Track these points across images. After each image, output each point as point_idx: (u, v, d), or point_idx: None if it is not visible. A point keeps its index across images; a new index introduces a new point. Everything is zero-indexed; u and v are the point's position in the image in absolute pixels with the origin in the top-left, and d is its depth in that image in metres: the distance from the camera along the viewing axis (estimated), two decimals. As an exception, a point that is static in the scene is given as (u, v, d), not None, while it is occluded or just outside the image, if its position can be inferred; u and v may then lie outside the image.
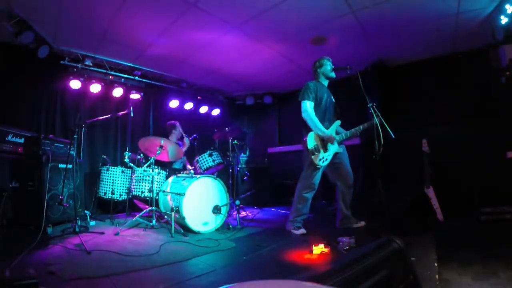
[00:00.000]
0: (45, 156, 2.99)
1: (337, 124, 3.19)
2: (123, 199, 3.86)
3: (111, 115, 3.64)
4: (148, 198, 3.70)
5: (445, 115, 4.31)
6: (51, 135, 3.39)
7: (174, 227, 2.97)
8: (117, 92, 4.82)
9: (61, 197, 2.98)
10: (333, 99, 3.30)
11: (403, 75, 4.88)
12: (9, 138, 3.09)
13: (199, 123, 6.10)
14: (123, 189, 3.86)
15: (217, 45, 4.21)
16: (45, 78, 4.20)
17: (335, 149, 3.09)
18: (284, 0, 3.16)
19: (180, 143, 4.55)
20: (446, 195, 3.56)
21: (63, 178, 3.13)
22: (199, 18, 3.49)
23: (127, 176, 3.92)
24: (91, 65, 4.52)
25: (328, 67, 3.24)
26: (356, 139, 4.79)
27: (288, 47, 4.32)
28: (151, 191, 3.46)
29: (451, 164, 3.90)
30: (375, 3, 3.20)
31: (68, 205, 3.13)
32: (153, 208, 3.27)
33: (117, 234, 2.99)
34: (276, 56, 4.63)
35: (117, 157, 4.86)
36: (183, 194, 3.09)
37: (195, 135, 4.70)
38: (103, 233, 3.02)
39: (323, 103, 3.15)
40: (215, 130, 4.54)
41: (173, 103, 5.61)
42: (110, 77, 4.83)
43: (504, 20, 3.23)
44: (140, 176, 3.70)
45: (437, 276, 1.75)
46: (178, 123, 4.64)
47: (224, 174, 4.82)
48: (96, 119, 3.48)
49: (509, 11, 3.15)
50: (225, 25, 3.67)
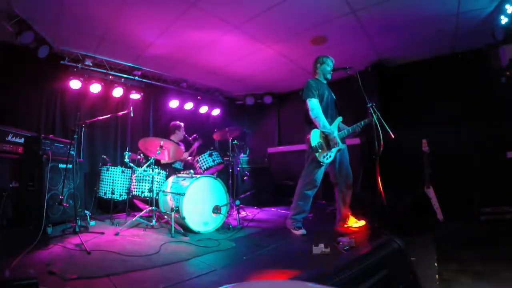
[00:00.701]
0: (45, 156, 2.99)
1: (339, 120, 3.18)
2: (123, 199, 3.86)
3: (111, 115, 3.64)
4: (148, 198, 3.70)
5: (445, 115, 4.31)
6: (51, 135, 3.39)
7: (174, 227, 2.97)
8: (117, 92, 4.82)
9: (61, 197, 2.98)
10: (333, 95, 3.29)
11: (403, 75, 4.87)
12: (9, 138, 3.08)
13: (199, 123, 6.10)
14: (123, 189, 3.86)
15: (217, 45, 4.21)
16: (45, 78, 4.20)
17: (338, 146, 3.09)
18: (284, 0, 3.17)
19: (181, 144, 4.55)
20: (446, 195, 3.56)
21: (63, 178, 3.12)
22: (199, 18, 3.49)
23: (127, 176, 3.92)
24: (91, 65, 4.52)
25: (328, 67, 3.24)
26: (356, 139, 4.80)
27: (288, 47, 4.32)
28: (151, 191, 3.46)
29: (451, 164, 3.90)
30: (375, 3, 3.21)
31: (68, 205, 3.13)
32: (153, 208, 3.27)
33: (117, 234, 2.98)
34: (276, 56, 4.63)
35: (117, 157, 4.86)
36: (183, 194, 3.09)
37: (195, 135, 4.71)
38: (103, 233, 3.01)
39: (325, 100, 3.15)
40: (215, 130, 4.54)
41: (173, 103, 5.61)
42: (110, 77, 4.83)
43: (504, 20, 3.23)
44: (140, 176, 3.69)
45: (437, 276, 1.75)
46: (183, 126, 4.63)
47: (224, 174, 4.82)
48: (96, 119, 3.47)
49: (509, 11, 3.15)
50: (225, 25, 3.67)
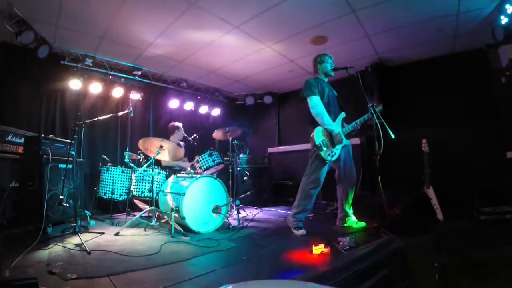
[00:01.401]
0: (45, 156, 2.99)
1: (342, 116, 3.15)
2: (123, 199, 3.85)
3: (111, 115, 3.64)
4: (148, 198, 3.70)
5: (445, 115, 4.31)
6: (51, 135, 3.39)
7: (174, 227, 2.97)
8: (117, 92, 4.82)
9: (61, 197, 2.98)
10: (335, 92, 3.27)
11: (403, 75, 4.87)
12: (9, 138, 3.09)
13: (199, 123, 6.11)
14: (123, 189, 3.85)
15: (217, 45, 4.21)
16: (45, 78, 4.20)
17: (343, 142, 3.08)
18: (284, 0, 3.17)
19: (181, 144, 4.55)
20: (446, 195, 3.55)
21: (63, 178, 3.12)
22: (199, 18, 3.49)
23: (127, 176, 3.92)
24: (91, 65, 4.51)
25: (329, 65, 3.23)
26: (356, 139, 4.80)
27: (288, 47, 4.32)
28: (151, 191, 3.46)
29: (451, 164, 3.90)
30: (375, 3, 3.21)
31: (68, 205, 3.13)
32: (153, 208, 3.27)
33: (117, 234, 2.99)
34: (276, 56, 4.63)
35: (117, 157, 4.86)
36: (183, 194, 3.08)
37: (195, 135, 4.71)
38: (103, 233, 3.01)
39: (326, 97, 3.13)
40: (215, 130, 4.54)
41: (173, 103, 5.61)
42: (110, 77, 4.83)
43: (504, 20, 3.22)
44: (140, 176, 3.69)
45: (437, 276, 1.75)
46: (181, 126, 4.63)
47: (224, 174, 4.81)
48: (96, 119, 3.47)
49: (509, 11, 3.15)
50: (225, 25, 3.67)
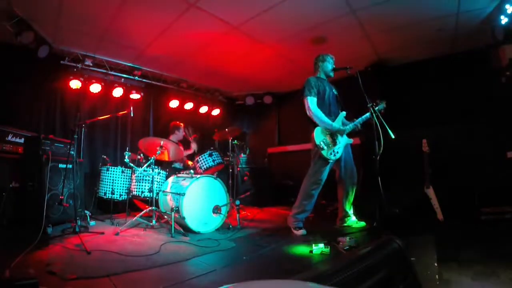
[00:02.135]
0: (45, 156, 2.99)
1: (343, 115, 3.15)
2: (123, 199, 3.85)
3: (111, 115, 3.64)
4: (148, 198, 3.70)
5: (445, 115, 4.31)
6: (51, 135, 3.39)
7: (174, 227, 2.97)
8: (117, 92, 4.82)
9: (61, 197, 2.98)
10: (335, 91, 3.27)
11: (403, 75, 4.87)
12: (9, 138, 3.09)
13: (199, 123, 6.10)
14: (123, 189, 3.85)
15: (217, 45, 4.21)
16: (45, 78, 4.20)
17: (345, 141, 3.09)
18: (284, 0, 3.17)
19: (180, 144, 4.54)
20: (446, 195, 3.55)
21: (63, 178, 3.12)
22: (199, 18, 3.49)
23: (127, 176, 3.92)
24: (91, 65, 4.52)
25: (330, 65, 3.24)
26: (356, 139, 4.79)
27: (288, 47, 4.31)
28: (151, 191, 3.46)
29: (451, 164, 3.90)
30: (375, 3, 3.20)
31: (68, 205, 3.13)
32: (153, 208, 3.27)
33: (117, 234, 2.99)
34: (276, 56, 4.63)
35: (117, 157, 4.86)
36: (183, 194, 3.09)
37: (195, 135, 4.71)
38: (103, 233, 3.01)
39: (326, 97, 3.13)
40: (215, 130, 4.54)
41: (173, 103, 5.61)
42: (110, 77, 4.83)
43: (504, 20, 3.22)
44: (140, 176, 3.70)
45: (437, 276, 1.75)
46: (183, 126, 4.63)
47: (224, 174, 4.81)
48: (96, 119, 3.47)
49: (509, 11, 3.14)
50: (225, 25, 3.67)
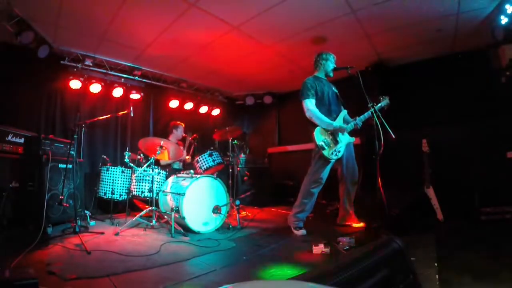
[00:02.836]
0: (45, 156, 2.99)
1: (344, 113, 3.13)
2: (123, 199, 3.86)
3: (111, 115, 3.64)
4: (148, 198, 3.70)
5: (445, 115, 4.31)
6: (51, 135, 3.40)
7: (174, 227, 2.97)
8: (117, 92, 4.82)
9: (61, 197, 2.98)
10: (334, 89, 3.25)
11: (403, 75, 4.87)
12: (9, 138, 3.08)
13: (199, 123, 6.10)
14: (123, 189, 3.86)
15: (217, 45, 4.21)
16: (45, 78, 4.20)
17: (346, 139, 3.08)
18: (284, 0, 3.17)
19: (180, 144, 4.54)
20: (446, 195, 3.56)
21: (63, 178, 3.13)
22: (199, 18, 3.49)
23: (127, 176, 3.92)
24: (91, 65, 4.52)
25: (331, 65, 3.24)
26: (356, 139, 4.79)
27: (288, 47, 4.31)
28: (151, 191, 3.46)
29: (451, 164, 3.90)
30: (375, 3, 3.20)
31: (68, 205, 3.13)
32: (153, 208, 3.28)
33: (117, 234, 2.99)
34: (276, 56, 4.63)
35: (117, 157, 4.86)
36: (183, 194, 3.09)
37: (195, 135, 4.71)
38: (103, 233, 3.02)
39: (325, 96, 3.12)
40: (215, 130, 4.54)
41: (173, 103, 5.61)
42: (110, 77, 4.83)
43: (504, 20, 3.22)
44: (140, 176, 3.70)
45: (437, 276, 1.75)
46: (183, 126, 4.62)
47: (224, 174, 4.82)
48: (96, 119, 3.47)
49: (509, 11, 3.14)
50: (225, 25, 3.67)
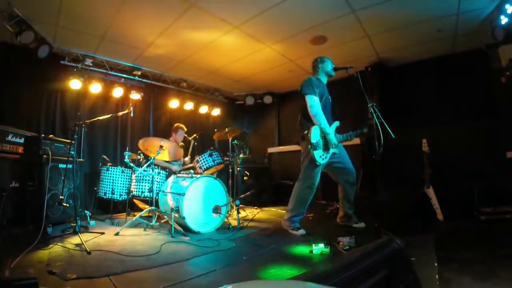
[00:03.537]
0: (45, 156, 2.99)
1: (336, 125, 3.14)
2: (123, 199, 3.86)
3: (111, 115, 3.64)
4: (148, 198, 3.70)
5: (445, 115, 4.31)
6: (51, 135, 3.39)
7: (174, 227, 2.97)
8: (117, 92, 4.82)
9: (61, 197, 2.98)
10: (330, 98, 3.24)
11: (403, 75, 4.87)
12: (9, 138, 3.08)
13: (199, 123, 6.11)
14: (123, 189, 3.85)
15: (217, 45, 4.21)
16: (45, 78, 4.20)
17: (333, 149, 3.08)
18: (284, 0, 3.17)
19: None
20: (446, 195, 3.56)
21: (63, 178, 3.12)
22: (199, 18, 3.49)
23: (127, 176, 3.92)
24: (91, 65, 4.52)
25: (330, 65, 3.22)
26: (356, 139, 4.79)
27: (288, 47, 4.32)
28: (151, 191, 3.46)
29: (451, 164, 3.90)
30: (375, 3, 3.20)
31: (68, 205, 3.13)
32: (153, 208, 3.28)
33: (117, 234, 2.99)
34: (276, 56, 4.63)
35: (117, 157, 4.86)
36: (183, 194, 3.08)
37: (195, 135, 4.71)
38: (103, 233, 3.01)
39: (323, 100, 3.10)
40: (215, 130, 4.54)
41: (173, 103, 5.61)
42: (110, 77, 4.83)
43: (504, 20, 3.23)
44: (140, 176, 3.69)
45: (437, 276, 1.75)
46: (183, 130, 4.61)
47: (224, 174, 4.82)
48: (96, 119, 3.47)
49: (509, 11, 3.15)
50: (225, 25, 3.67)
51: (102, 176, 3.86)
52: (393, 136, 2.70)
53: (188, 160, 4.57)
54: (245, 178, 5.11)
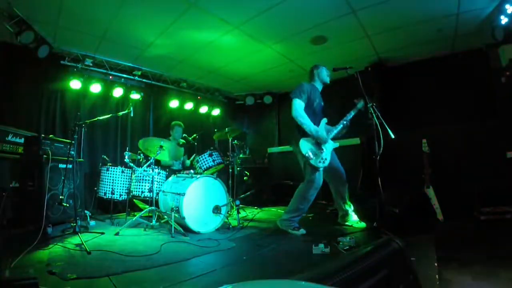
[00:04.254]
0: (45, 156, 2.99)
1: (324, 122, 3.16)
2: (123, 199, 3.85)
3: (111, 115, 3.64)
4: (148, 198, 3.70)
5: (445, 115, 4.31)
6: (51, 135, 3.39)
7: (174, 227, 2.97)
8: (117, 92, 4.82)
9: (61, 197, 2.98)
10: (322, 103, 3.28)
11: (403, 75, 4.87)
12: (9, 138, 3.08)
13: (199, 123, 6.10)
14: (123, 189, 3.85)
15: (217, 45, 4.21)
16: (45, 78, 4.20)
17: (331, 145, 3.11)
18: (284, 0, 3.17)
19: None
20: (446, 195, 3.55)
21: (63, 178, 3.12)
22: (199, 18, 3.49)
23: (127, 176, 3.91)
24: (91, 65, 4.52)
25: (324, 72, 3.27)
26: (356, 139, 4.80)
27: (288, 47, 4.32)
28: (151, 191, 3.46)
29: (451, 164, 3.90)
30: (375, 3, 3.21)
31: (68, 205, 3.12)
32: (153, 208, 3.27)
33: (117, 234, 2.99)
34: (276, 56, 4.63)
35: (117, 157, 4.86)
36: (183, 194, 3.08)
37: (195, 135, 4.70)
38: (103, 233, 3.01)
39: (315, 105, 3.15)
40: (215, 130, 4.54)
41: (173, 103, 5.61)
42: (110, 77, 4.83)
43: (504, 20, 3.23)
44: (140, 176, 3.69)
45: (437, 276, 1.75)
46: (179, 126, 4.60)
47: (224, 174, 4.81)
48: (96, 119, 3.47)
49: (509, 11, 3.15)
50: (225, 25, 3.67)
51: (102, 176, 3.86)
52: (393, 136, 2.70)
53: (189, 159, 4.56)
54: (245, 178, 5.11)
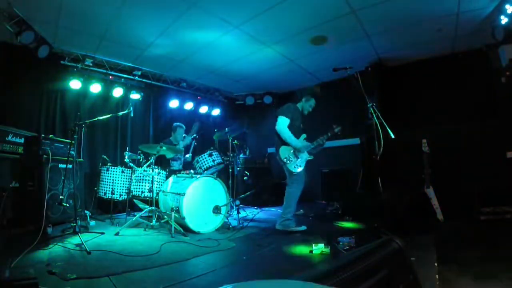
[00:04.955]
0: (45, 156, 2.99)
1: (303, 137, 3.42)
2: (123, 199, 3.85)
3: (111, 115, 3.64)
4: (148, 198, 3.70)
5: (445, 115, 4.31)
6: (51, 135, 3.39)
7: (174, 227, 2.97)
8: (117, 92, 4.82)
9: (61, 197, 2.98)
10: (302, 125, 3.54)
11: (403, 75, 4.87)
12: (9, 138, 3.08)
13: (199, 123, 6.09)
14: (123, 189, 3.85)
15: (217, 45, 4.21)
16: (45, 78, 4.20)
17: (306, 157, 3.38)
18: (284, 0, 3.17)
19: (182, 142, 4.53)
20: (446, 195, 3.55)
21: (63, 178, 3.12)
22: (199, 18, 3.49)
23: (127, 176, 3.91)
24: (91, 65, 4.52)
25: (311, 104, 3.53)
26: (356, 139, 4.80)
27: (288, 47, 4.31)
28: (151, 191, 3.46)
29: (451, 164, 3.90)
30: (375, 3, 3.20)
31: (68, 205, 3.12)
32: (153, 208, 3.27)
33: (117, 234, 2.99)
34: (276, 56, 4.62)
35: (117, 157, 4.86)
36: (183, 194, 3.08)
37: (195, 135, 4.70)
38: (103, 233, 3.01)
39: (296, 126, 3.41)
40: (215, 130, 4.54)
41: (173, 103, 5.61)
42: (110, 77, 4.83)
43: (504, 20, 3.23)
44: (140, 176, 3.69)
45: (437, 276, 1.75)
46: (181, 128, 4.60)
47: (224, 174, 4.81)
48: (96, 119, 3.47)
49: (509, 11, 3.15)
50: (225, 25, 3.67)
51: (102, 176, 3.86)
52: (393, 136, 2.70)
53: (189, 157, 4.55)
54: (245, 178, 5.11)
